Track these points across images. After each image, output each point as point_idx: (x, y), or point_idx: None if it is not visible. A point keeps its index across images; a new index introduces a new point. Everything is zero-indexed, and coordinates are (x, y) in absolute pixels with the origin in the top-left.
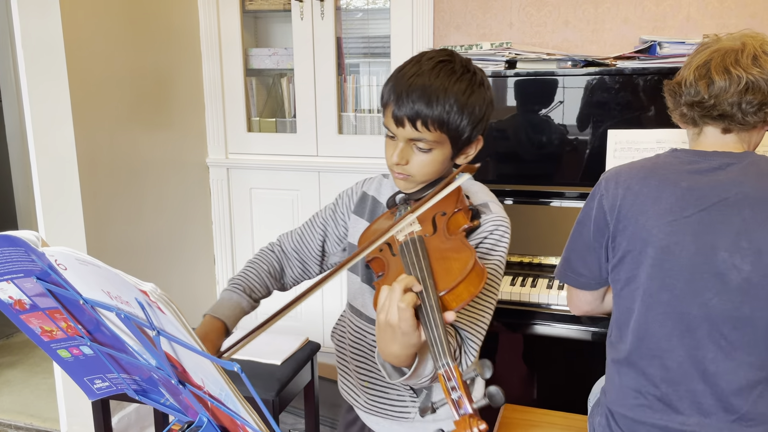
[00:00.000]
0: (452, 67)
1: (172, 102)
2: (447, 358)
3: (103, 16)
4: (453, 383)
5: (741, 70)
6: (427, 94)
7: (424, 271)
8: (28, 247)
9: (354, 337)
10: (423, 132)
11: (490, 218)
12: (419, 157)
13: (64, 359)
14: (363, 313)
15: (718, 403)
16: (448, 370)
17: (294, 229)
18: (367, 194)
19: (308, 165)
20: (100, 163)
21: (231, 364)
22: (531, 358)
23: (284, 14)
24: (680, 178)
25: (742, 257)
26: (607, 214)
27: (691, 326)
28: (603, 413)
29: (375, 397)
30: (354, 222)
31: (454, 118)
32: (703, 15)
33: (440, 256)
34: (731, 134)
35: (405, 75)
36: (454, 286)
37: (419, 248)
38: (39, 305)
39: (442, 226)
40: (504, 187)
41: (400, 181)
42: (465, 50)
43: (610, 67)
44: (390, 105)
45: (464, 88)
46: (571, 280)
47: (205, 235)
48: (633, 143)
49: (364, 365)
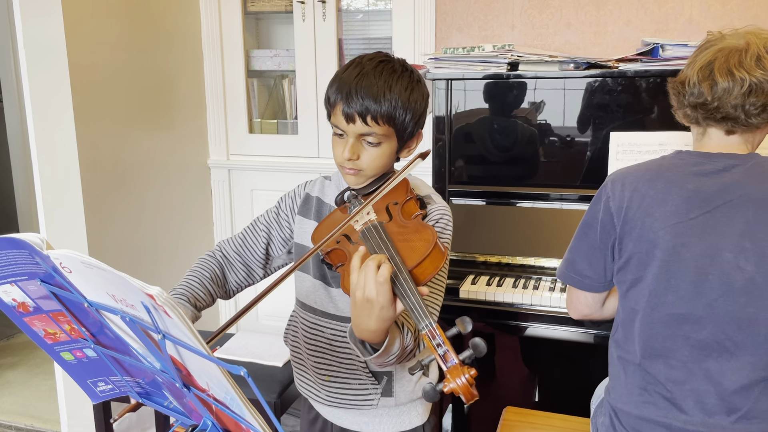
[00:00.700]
0: (392, 66)
1: (174, 103)
2: (428, 318)
3: (105, 16)
4: (438, 340)
5: (744, 72)
6: (373, 92)
7: (390, 250)
8: (32, 250)
9: (309, 335)
10: (373, 126)
11: (435, 207)
12: (369, 151)
13: (67, 362)
14: (317, 309)
15: (721, 403)
16: (431, 329)
17: (233, 235)
18: (310, 195)
19: (310, 166)
20: (102, 164)
21: (237, 368)
22: (532, 360)
23: (286, 16)
24: (686, 180)
25: (746, 258)
26: (614, 216)
27: (695, 327)
28: (606, 413)
29: (336, 389)
30: (299, 222)
31: (400, 113)
32: (705, 17)
33: (402, 238)
34: (735, 135)
35: (349, 76)
36: (420, 261)
37: (381, 232)
38: (42, 308)
39: (396, 213)
40: (504, 189)
41: (351, 176)
42: (467, 52)
43: (612, 69)
44: (339, 103)
45: (406, 85)
46: (574, 281)
47: (206, 237)
48: (635, 145)
49: (322, 359)
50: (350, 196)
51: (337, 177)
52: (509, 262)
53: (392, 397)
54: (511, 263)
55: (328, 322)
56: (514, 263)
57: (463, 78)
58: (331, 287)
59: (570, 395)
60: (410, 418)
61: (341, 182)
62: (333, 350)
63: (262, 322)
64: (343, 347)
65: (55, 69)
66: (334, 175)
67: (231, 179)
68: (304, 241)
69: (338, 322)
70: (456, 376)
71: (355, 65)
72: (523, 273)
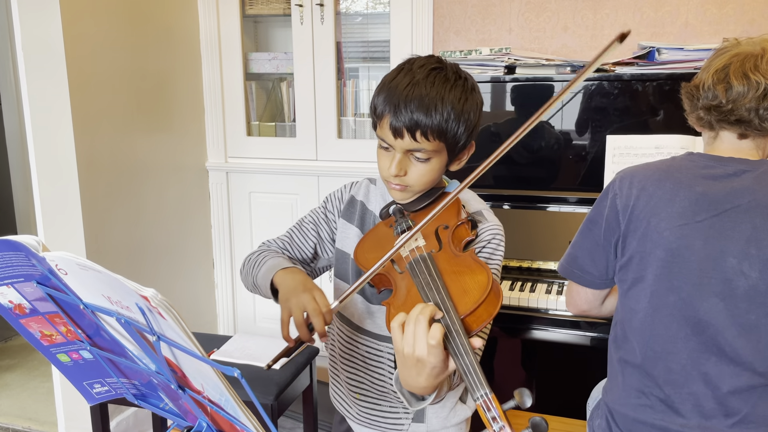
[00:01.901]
0: (445, 74)
1: (172, 105)
2: (485, 388)
3: (104, 19)
4: (493, 413)
5: (760, 75)
6: (425, 104)
7: (441, 292)
8: (28, 252)
9: (345, 347)
10: (422, 142)
11: (486, 227)
12: (417, 167)
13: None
14: (353, 323)
15: (719, 406)
16: (486, 400)
17: (278, 236)
18: (355, 198)
19: (308, 169)
20: (100, 167)
21: (231, 370)
22: (529, 363)
23: (284, 19)
24: (695, 182)
25: (750, 264)
26: (620, 214)
27: (696, 329)
28: (603, 415)
29: (367, 408)
30: (342, 227)
31: (452, 126)
32: (701, 21)
33: (454, 275)
34: (747, 140)
35: (399, 85)
36: (474, 309)
37: (431, 266)
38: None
39: (447, 241)
40: (502, 192)
41: (397, 192)
42: (464, 55)
43: (608, 72)
44: (386, 116)
45: (459, 95)
46: (576, 276)
47: (204, 239)
48: (631, 149)
49: (355, 376)
50: (396, 210)
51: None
52: (506, 264)
53: (423, 423)
54: (509, 266)
55: (365, 338)
56: (511, 266)
57: None
58: (371, 303)
59: (567, 397)
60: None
61: (386, 191)
62: (366, 367)
63: (260, 325)
64: (377, 366)
65: (53, 71)
66: (379, 179)
67: (229, 182)
68: (345, 247)
69: (376, 340)
70: None
71: (405, 71)
72: (520, 275)
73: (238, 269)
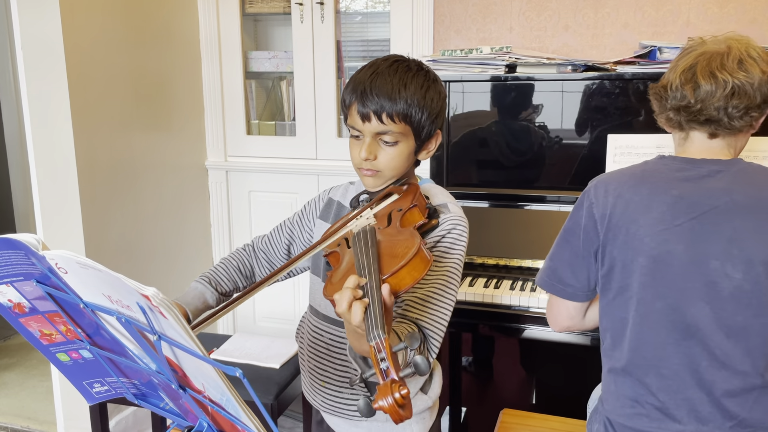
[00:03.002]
0: (407, 65)
1: (172, 104)
2: (379, 330)
3: (103, 17)
4: (382, 354)
5: (727, 74)
6: (388, 90)
7: (370, 256)
8: (28, 251)
9: (312, 337)
10: (389, 124)
11: (448, 217)
12: (386, 150)
13: (63, 363)
14: (320, 312)
15: (715, 411)
16: (379, 342)
17: (266, 233)
18: (333, 200)
19: (307, 168)
20: (99, 166)
21: (233, 369)
22: (529, 362)
23: (284, 17)
24: (671, 186)
25: (733, 266)
26: (598, 223)
27: (685, 334)
28: (601, 420)
29: (332, 396)
30: (319, 226)
31: (416, 112)
32: (702, 20)
33: (388, 245)
34: (718, 139)
35: (364, 76)
36: (396, 270)
37: (369, 237)
38: (38, 308)
39: (395, 221)
40: (503, 191)
41: (369, 178)
42: (465, 54)
43: (610, 71)
44: (354, 104)
45: (421, 82)
46: (557, 290)
47: (203, 238)
48: (633, 148)
49: (320, 364)
50: (365, 199)
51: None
52: (507, 264)
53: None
54: (509, 265)
55: (329, 326)
56: (511, 265)
57: (461, 80)
58: None
59: (567, 397)
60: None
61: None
62: (330, 355)
63: (260, 324)
64: (340, 353)
65: (53, 69)
66: (358, 180)
67: (229, 181)
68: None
69: (339, 327)
70: (384, 394)
71: (369, 66)
72: (521, 275)
73: None
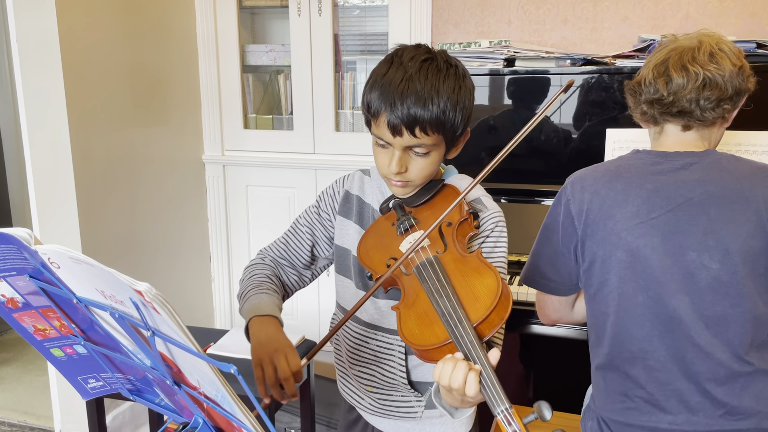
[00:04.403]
0: (437, 65)
1: (168, 98)
2: (505, 403)
3: (99, 11)
4: (514, 427)
5: (698, 66)
6: (422, 98)
7: (452, 299)
8: (20, 245)
9: (353, 343)
10: (422, 137)
11: (487, 216)
12: (417, 162)
13: (57, 358)
14: (362, 320)
15: (704, 400)
16: (507, 415)
17: (274, 240)
18: (350, 193)
19: (305, 162)
20: (96, 160)
21: (228, 366)
22: (527, 357)
23: (281, 10)
24: (645, 180)
25: (710, 256)
26: (575, 219)
27: (669, 326)
28: (594, 418)
29: (380, 400)
30: (341, 223)
31: (450, 117)
32: (702, 14)
33: (462, 279)
34: (691, 131)
35: (393, 80)
36: (486, 316)
37: (438, 271)
38: (32, 304)
39: (452, 240)
40: (500, 186)
41: (398, 188)
42: (463, 48)
43: (608, 65)
44: (382, 114)
45: (453, 84)
46: (540, 285)
47: (200, 233)
48: (632, 142)
49: (365, 370)
50: (396, 204)
51: (377, 173)
52: None
53: (437, 408)
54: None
55: (374, 333)
56: (510, 260)
57: None
58: (378, 299)
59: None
60: (454, 427)
61: (382, 182)
62: (377, 362)
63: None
64: (387, 359)
65: (49, 64)
66: (373, 171)
67: (226, 175)
68: (345, 243)
69: (386, 334)
70: None
71: (396, 67)
72: (519, 270)
73: (234, 263)
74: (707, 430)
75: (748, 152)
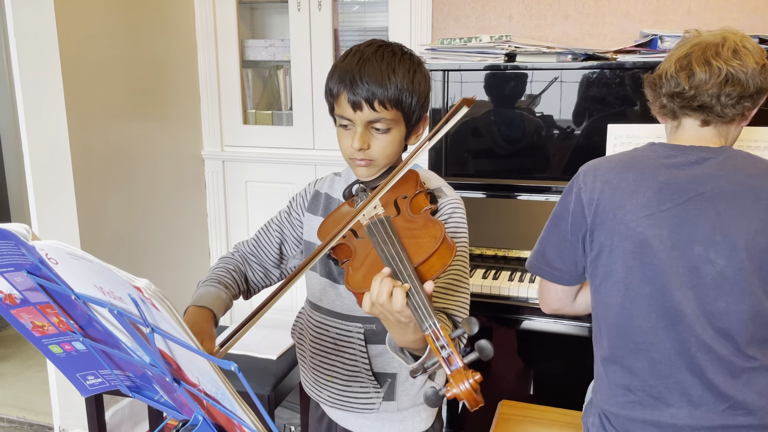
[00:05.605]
0: (392, 49)
1: (167, 93)
2: (432, 319)
3: (97, 4)
4: (442, 342)
5: (721, 62)
6: (378, 76)
7: (396, 246)
8: (18, 241)
9: (315, 333)
10: (381, 111)
11: (446, 201)
12: (379, 139)
13: (55, 355)
14: (323, 308)
15: (707, 393)
16: (435, 330)
17: (249, 237)
18: (319, 192)
19: (304, 158)
20: (94, 155)
21: (228, 363)
22: (527, 354)
23: (281, 5)
24: (657, 172)
25: (716, 251)
26: (585, 208)
27: (674, 319)
28: (596, 413)
29: (338, 391)
30: (308, 220)
31: (406, 96)
32: (704, 9)
33: (409, 234)
34: (709, 127)
35: (350, 64)
36: (427, 258)
37: (387, 227)
38: (30, 300)
39: (405, 208)
40: (502, 182)
41: (362, 168)
42: (464, 43)
43: (610, 60)
44: (343, 92)
45: (408, 66)
46: (545, 273)
47: (200, 229)
48: (633, 138)
49: (326, 360)
50: (358, 189)
51: (347, 172)
52: (505, 255)
53: (394, 401)
54: (507, 256)
55: (334, 321)
56: (510, 256)
57: (460, 69)
58: (338, 284)
59: (565, 388)
60: (413, 423)
61: (351, 177)
62: (337, 350)
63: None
64: (347, 347)
65: (47, 58)
66: (344, 171)
67: (225, 171)
68: (311, 237)
69: (345, 321)
70: (459, 380)
71: (353, 53)
72: (519, 266)
73: None
74: (710, 424)
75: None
